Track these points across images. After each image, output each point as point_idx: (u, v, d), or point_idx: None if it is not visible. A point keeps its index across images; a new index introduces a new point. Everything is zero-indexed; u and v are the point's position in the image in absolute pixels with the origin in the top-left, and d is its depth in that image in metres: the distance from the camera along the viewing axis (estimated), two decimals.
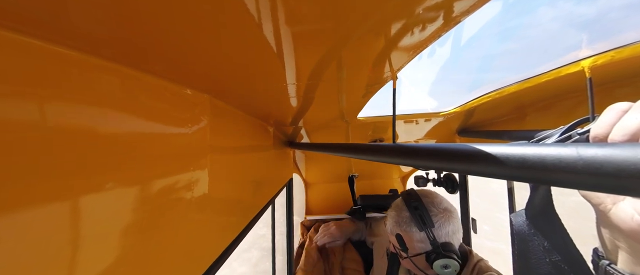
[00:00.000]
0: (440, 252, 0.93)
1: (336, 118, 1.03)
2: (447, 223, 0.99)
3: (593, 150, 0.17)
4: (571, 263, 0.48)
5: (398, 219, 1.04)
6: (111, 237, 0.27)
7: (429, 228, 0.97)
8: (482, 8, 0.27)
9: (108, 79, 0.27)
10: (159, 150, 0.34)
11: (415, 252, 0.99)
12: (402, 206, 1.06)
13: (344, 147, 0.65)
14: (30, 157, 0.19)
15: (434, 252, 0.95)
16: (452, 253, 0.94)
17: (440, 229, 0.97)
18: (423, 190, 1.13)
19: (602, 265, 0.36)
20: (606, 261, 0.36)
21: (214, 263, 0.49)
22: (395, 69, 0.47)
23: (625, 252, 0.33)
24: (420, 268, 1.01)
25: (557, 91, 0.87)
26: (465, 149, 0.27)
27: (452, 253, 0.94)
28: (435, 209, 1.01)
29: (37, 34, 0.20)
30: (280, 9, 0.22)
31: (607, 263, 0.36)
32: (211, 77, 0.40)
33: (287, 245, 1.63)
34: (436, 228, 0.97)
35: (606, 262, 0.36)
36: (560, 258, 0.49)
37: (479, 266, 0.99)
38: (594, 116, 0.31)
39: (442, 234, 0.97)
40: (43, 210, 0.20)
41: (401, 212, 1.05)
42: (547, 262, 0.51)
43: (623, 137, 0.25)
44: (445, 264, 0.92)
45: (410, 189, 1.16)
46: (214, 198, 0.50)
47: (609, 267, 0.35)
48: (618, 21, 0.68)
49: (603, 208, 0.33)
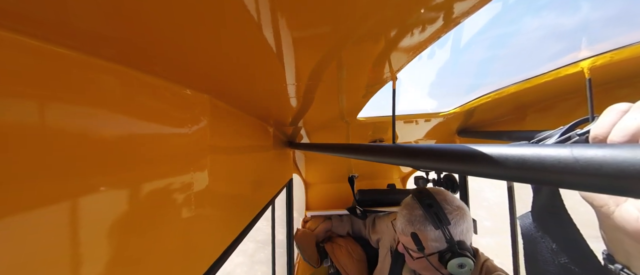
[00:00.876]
0: (456, 251, 0.90)
1: (336, 118, 1.03)
2: (461, 221, 0.96)
3: (593, 150, 0.17)
4: (582, 263, 0.48)
5: (411, 217, 1.00)
6: (112, 237, 0.27)
7: (445, 226, 0.94)
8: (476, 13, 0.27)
9: (108, 79, 0.27)
10: (159, 151, 0.34)
11: (429, 252, 0.96)
12: (415, 204, 1.02)
13: (344, 147, 0.65)
14: (30, 157, 0.19)
15: (450, 250, 0.91)
16: (467, 251, 0.91)
17: (456, 226, 0.95)
18: (434, 188, 1.11)
19: (616, 269, 0.36)
20: (619, 265, 0.35)
21: (214, 263, 0.49)
22: (395, 70, 0.47)
23: (636, 256, 0.33)
24: (435, 267, 0.97)
25: (556, 92, 0.87)
26: (465, 149, 0.27)
27: (467, 251, 0.92)
28: (449, 207, 0.98)
29: (37, 34, 0.20)
30: (280, 10, 0.22)
31: (621, 267, 0.35)
32: (211, 78, 0.40)
33: (287, 246, 1.63)
34: (452, 226, 0.94)
35: (619, 267, 0.35)
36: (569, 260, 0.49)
37: (486, 266, 0.97)
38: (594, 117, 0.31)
39: (457, 232, 0.94)
40: (43, 210, 0.20)
41: (414, 210, 1.01)
42: (556, 264, 0.50)
43: (623, 138, 0.25)
44: (461, 262, 0.89)
45: (421, 187, 1.14)
46: (214, 198, 0.50)
47: (622, 272, 0.35)
48: (597, 32, 0.70)
49: (606, 210, 0.33)
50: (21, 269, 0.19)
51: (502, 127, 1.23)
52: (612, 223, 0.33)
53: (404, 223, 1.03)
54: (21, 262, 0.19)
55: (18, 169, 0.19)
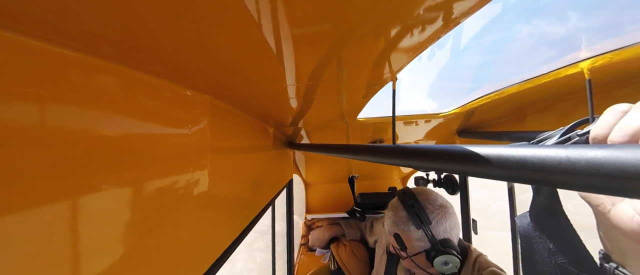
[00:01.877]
0: (439, 249, 0.93)
1: (336, 119, 1.03)
2: (444, 219, 0.98)
3: (593, 151, 0.17)
4: (579, 264, 0.48)
5: (395, 218, 1.03)
6: (112, 238, 0.27)
7: (426, 225, 0.96)
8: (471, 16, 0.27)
9: (108, 79, 0.27)
10: (160, 151, 0.34)
11: (415, 251, 0.98)
12: (398, 205, 1.05)
13: (344, 147, 0.65)
14: (30, 157, 0.19)
15: (434, 249, 0.94)
16: (451, 249, 0.93)
17: (438, 225, 0.97)
18: (418, 188, 1.13)
19: (610, 268, 0.36)
20: (614, 264, 0.36)
21: (214, 263, 0.49)
22: (394, 70, 0.47)
23: (632, 256, 0.33)
24: (421, 267, 1.00)
25: (556, 92, 0.87)
26: (465, 150, 0.27)
27: (452, 249, 0.93)
28: (431, 206, 1.00)
29: (37, 34, 0.20)
30: (280, 10, 0.22)
31: (615, 266, 0.35)
32: (211, 78, 0.40)
33: (287, 246, 1.62)
34: (433, 225, 0.96)
35: (614, 266, 0.35)
36: (566, 260, 0.49)
37: (479, 261, 0.98)
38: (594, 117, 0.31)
39: (440, 230, 0.96)
40: (44, 211, 0.20)
41: (398, 211, 1.04)
42: (553, 264, 0.50)
43: (623, 138, 0.25)
44: (446, 260, 0.91)
45: (405, 188, 1.16)
46: (214, 198, 0.50)
47: (617, 270, 0.35)
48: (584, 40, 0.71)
49: (602, 209, 0.33)
50: (23, 268, 0.19)
51: (502, 128, 1.23)
52: (608, 222, 0.33)
53: (389, 224, 1.06)
54: (23, 262, 0.19)
55: (19, 169, 0.18)
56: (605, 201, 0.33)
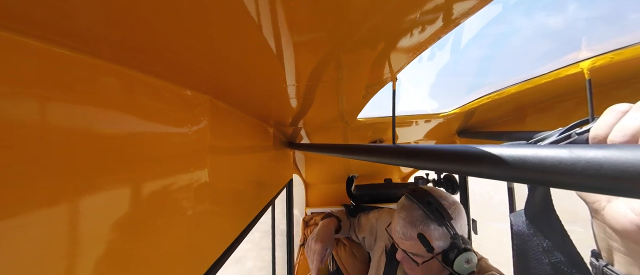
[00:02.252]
0: (461, 247, 0.85)
1: (336, 119, 1.03)
2: (460, 216, 0.93)
3: (593, 151, 0.17)
4: (571, 264, 0.48)
5: (411, 218, 0.93)
6: (111, 238, 0.27)
7: (449, 221, 0.89)
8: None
9: (108, 79, 0.27)
10: (159, 151, 0.34)
11: (437, 251, 0.90)
12: (411, 204, 0.96)
13: (344, 147, 0.65)
14: (30, 157, 0.19)
15: (456, 247, 0.86)
16: (469, 246, 0.88)
17: (457, 221, 0.91)
18: (425, 187, 1.07)
19: (599, 266, 0.36)
20: (603, 262, 0.36)
21: (215, 263, 0.49)
22: (394, 71, 0.47)
23: (621, 253, 0.33)
24: (439, 269, 0.93)
25: (556, 92, 0.87)
26: (465, 150, 0.27)
27: (470, 247, 0.88)
28: (447, 202, 0.94)
29: (37, 34, 0.20)
30: (280, 11, 0.22)
31: (604, 264, 0.36)
32: (211, 78, 0.40)
33: (287, 246, 1.62)
34: (454, 221, 0.90)
35: (603, 263, 0.36)
36: (559, 259, 0.49)
37: (480, 265, 0.95)
38: (594, 117, 0.31)
39: (459, 226, 0.90)
40: (43, 211, 0.20)
41: (412, 211, 0.94)
42: (547, 263, 0.51)
43: (623, 138, 0.25)
44: (468, 258, 0.85)
45: (413, 186, 1.10)
46: (214, 199, 0.50)
47: (605, 268, 0.35)
48: (582, 31, 0.70)
49: (597, 206, 0.34)
50: (23, 268, 0.19)
51: (502, 128, 1.23)
52: (602, 219, 0.33)
53: (404, 226, 0.94)
54: (22, 262, 0.19)
55: (18, 170, 0.19)
56: (601, 198, 0.33)
